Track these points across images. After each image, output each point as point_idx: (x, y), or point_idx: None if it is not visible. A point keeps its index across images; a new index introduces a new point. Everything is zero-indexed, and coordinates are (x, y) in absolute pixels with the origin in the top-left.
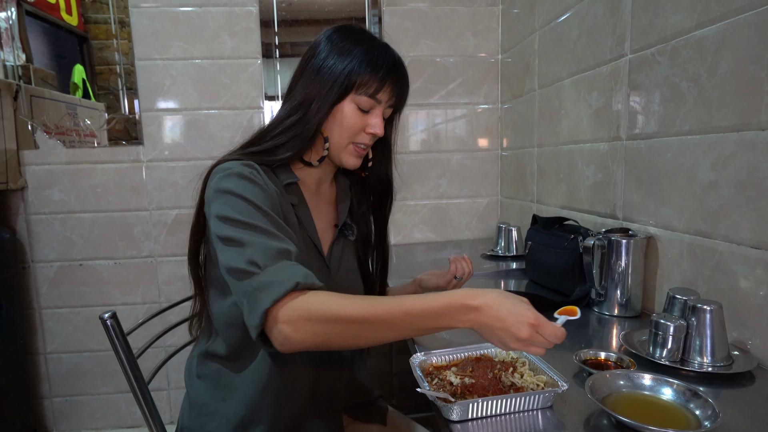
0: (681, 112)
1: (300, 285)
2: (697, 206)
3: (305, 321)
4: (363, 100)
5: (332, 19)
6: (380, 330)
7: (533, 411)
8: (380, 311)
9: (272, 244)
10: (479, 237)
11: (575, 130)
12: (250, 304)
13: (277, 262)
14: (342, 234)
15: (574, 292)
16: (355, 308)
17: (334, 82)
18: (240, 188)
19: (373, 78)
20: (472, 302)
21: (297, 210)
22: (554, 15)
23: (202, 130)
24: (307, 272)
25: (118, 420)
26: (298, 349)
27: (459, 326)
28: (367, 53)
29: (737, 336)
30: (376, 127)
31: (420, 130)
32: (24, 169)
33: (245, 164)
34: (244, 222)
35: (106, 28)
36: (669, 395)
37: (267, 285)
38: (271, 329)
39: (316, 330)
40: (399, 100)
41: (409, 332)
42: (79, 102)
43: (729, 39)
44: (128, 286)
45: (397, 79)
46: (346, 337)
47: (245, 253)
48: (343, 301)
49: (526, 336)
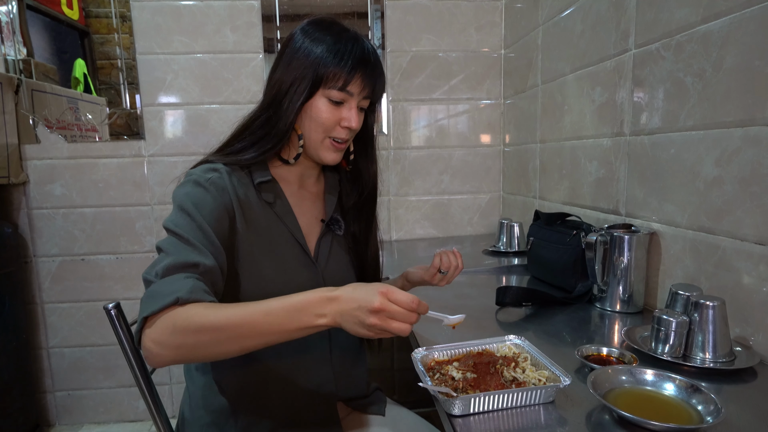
0: (685, 107)
1: (181, 300)
2: (701, 202)
3: (170, 336)
4: (333, 94)
5: (334, 14)
6: (241, 335)
7: (535, 406)
8: (240, 315)
9: (184, 257)
10: (481, 233)
11: (578, 126)
12: (139, 310)
13: (173, 274)
14: (329, 229)
15: (576, 288)
16: (217, 316)
17: (303, 78)
18: (188, 198)
19: (341, 70)
20: (330, 294)
21: (274, 207)
22: (558, 10)
23: (203, 125)
24: (195, 286)
25: (120, 414)
26: (160, 365)
27: (321, 322)
28: (335, 45)
29: (740, 332)
30: (351, 120)
31: (422, 125)
32: (25, 164)
33: (210, 169)
34: (174, 233)
35: (107, 22)
36: (671, 391)
37: (153, 295)
38: (143, 341)
39: (180, 343)
40: (373, 91)
41: (274, 335)
42: (81, 96)
43: (734, 34)
44: (130, 281)
45: (366, 69)
46: (209, 346)
47: (158, 264)
48: (207, 311)
49: (378, 305)
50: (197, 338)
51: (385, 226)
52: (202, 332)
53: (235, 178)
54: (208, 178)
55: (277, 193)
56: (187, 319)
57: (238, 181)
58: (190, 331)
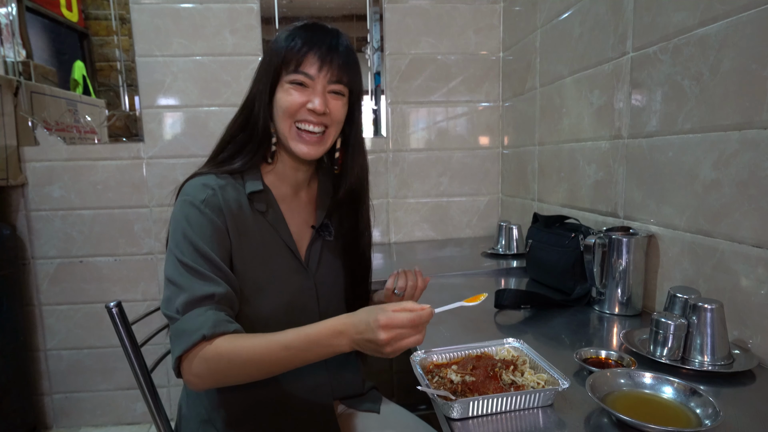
0: (683, 110)
1: (206, 336)
2: (699, 205)
3: (205, 371)
4: (291, 77)
5: (333, 16)
6: (266, 367)
7: (534, 409)
8: (261, 351)
9: (198, 290)
10: (480, 235)
11: (576, 129)
12: (172, 347)
13: (194, 309)
14: (318, 235)
15: (575, 290)
16: (242, 351)
17: (266, 73)
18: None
19: (291, 52)
20: (338, 327)
21: (267, 216)
22: (556, 13)
23: (202, 127)
24: (217, 319)
25: (117, 417)
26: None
27: (339, 349)
28: (287, 34)
29: (738, 335)
30: (315, 102)
31: (421, 128)
32: (24, 166)
33: (202, 187)
34: (183, 263)
35: (106, 24)
36: (670, 394)
37: (180, 334)
38: (182, 374)
39: (215, 376)
40: (340, 74)
41: (296, 364)
42: (80, 98)
43: (731, 37)
44: (128, 283)
45: (321, 48)
46: (241, 377)
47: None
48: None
49: (385, 338)
50: (228, 371)
51: (384, 228)
52: (231, 366)
53: (228, 190)
54: (203, 199)
55: (269, 202)
56: (216, 354)
57: (231, 193)
58: (222, 365)
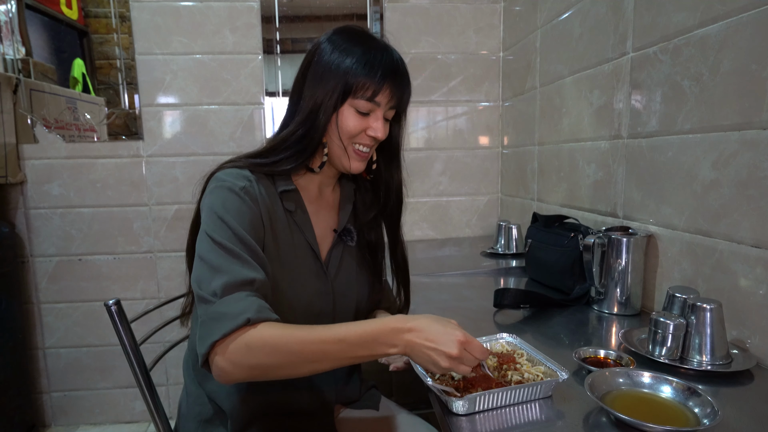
0: (682, 110)
1: (251, 320)
2: (698, 205)
3: (244, 357)
4: (361, 104)
5: (333, 15)
6: (315, 360)
7: (534, 402)
8: (313, 340)
9: (237, 274)
10: (479, 234)
11: (576, 128)
12: (203, 332)
13: (234, 293)
14: (340, 239)
15: (574, 290)
16: (291, 339)
17: (333, 89)
18: (225, 207)
19: (371, 81)
20: (404, 325)
21: (294, 216)
22: (556, 13)
23: (202, 126)
24: (260, 305)
25: (116, 415)
26: (232, 382)
27: (392, 352)
28: (364, 55)
29: (737, 335)
30: (377, 130)
31: (421, 127)
32: (23, 164)
33: (240, 176)
34: (221, 244)
35: (106, 22)
36: (668, 393)
37: (220, 317)
38: (212, 361)
39: (254, 364)
40: (400, 102)
41: (345, 360)
42: (79, 96)
43: (731, 38)
44: (127, 281)
45: (395, 80)
46: (284, 368)
47: (211, 281)
48: (281, 332)
49: (457, 354)
50: (272, 359)
51: None
52: (276, 354)
53: (261, 186)
54: (242, 186)
55: (297, 202)
56: (261, 339)
57: (265, 190)
58: (265, 352)
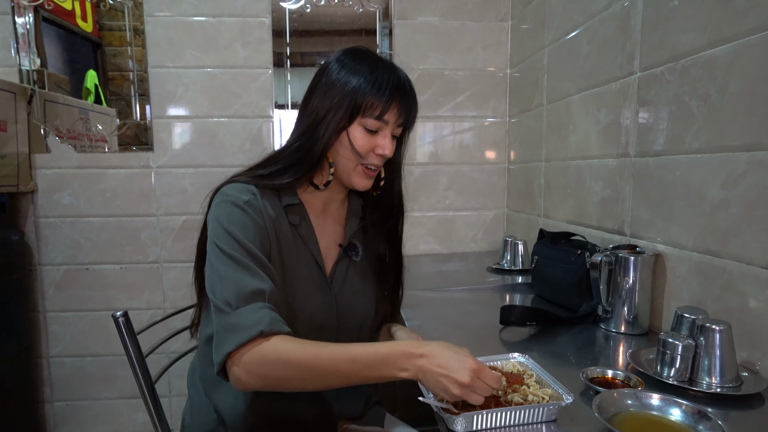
0: (690, 130)
1: (264, 333)
2: (707, 224)
3: (258, 367)
4: (370, 122)
5: (343, 31)
6: (325, 376)
7: (538, 424)
8: (325, 358)
9: (248, 284)
10: (485, 250)
11: (583, 146)
12: (218, 341)
13: (248, 304)
14: (345, 254)
15: (581, 308)
16: (303, 354)
17: (339, 107)
18: (230, 220)
19: (379, 100)
20: (416, 350)
21: (299, 229)
22: (564, 31)
23: (212, 138)
24: (273, 317)
25: (119, 426)
26: (248, 390)
27: (403, 375)
28: (372, 74)
29: (747, 357)
30: (386, 148)
31: (427, 141)
32: (35, 173)
33: (245, 189)
34: (231, 256)
35: (120, 35)
36: (678, 416)
37: (234, 328)
38: (229, 369)
39: (268, 375)
40: (407, 120)
41: (355, 379)
42: (91, 107)
43: (739, 59)
44: (134, 291)
45: (403, 99)
46: (295, 381)
47: (223, 290)
48: (293, 346)
49: (469, 382)
50: (284, 373)
51: None
52: (288, 368)
53: (266, 200)
54: (246, 200)
55: (302, 216)
56: (274, 352)
57: (269, 203)
58: (278, 365)
